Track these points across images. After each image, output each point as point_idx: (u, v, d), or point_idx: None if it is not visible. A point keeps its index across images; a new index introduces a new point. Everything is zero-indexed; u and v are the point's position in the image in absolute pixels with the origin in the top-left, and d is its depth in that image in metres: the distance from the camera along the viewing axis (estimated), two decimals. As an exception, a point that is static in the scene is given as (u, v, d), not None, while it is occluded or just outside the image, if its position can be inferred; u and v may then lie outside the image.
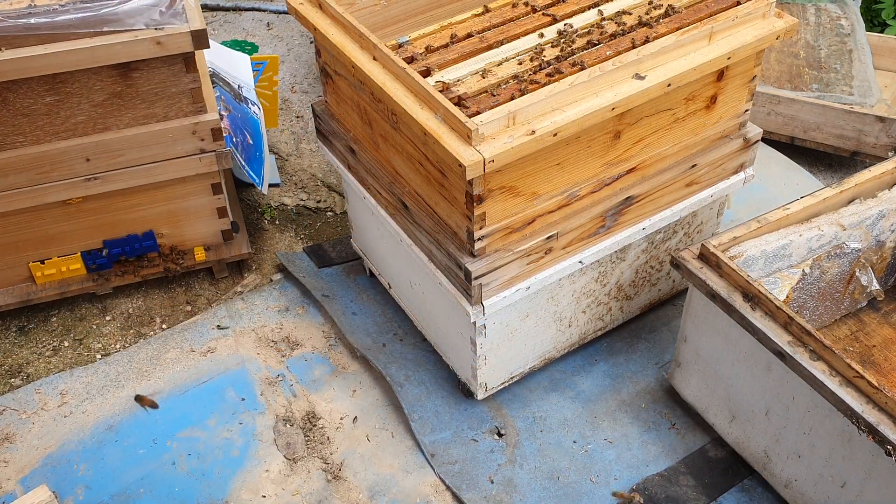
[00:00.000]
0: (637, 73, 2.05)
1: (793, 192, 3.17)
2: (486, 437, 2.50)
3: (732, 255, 2.21)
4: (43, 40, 2.37)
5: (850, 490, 2.02)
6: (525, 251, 2.18)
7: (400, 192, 2.30)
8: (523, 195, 2.09)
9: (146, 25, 2.40)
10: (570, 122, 1.94)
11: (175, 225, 2.87)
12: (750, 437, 2.29)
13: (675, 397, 2.56)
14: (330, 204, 3.38)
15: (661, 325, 2.80)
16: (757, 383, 2.18)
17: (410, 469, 2.43)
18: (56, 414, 2.59)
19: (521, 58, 2.11)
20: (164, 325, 2.88)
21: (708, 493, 2.34)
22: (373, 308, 2.88)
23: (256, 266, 3.09)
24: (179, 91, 2.55)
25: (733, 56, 2.15)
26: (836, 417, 1.95)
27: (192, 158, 2.69)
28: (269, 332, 2.82)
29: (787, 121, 3.46)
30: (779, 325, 2.03)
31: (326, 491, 2.38)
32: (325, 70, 2.42)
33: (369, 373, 2.70)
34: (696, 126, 2.34)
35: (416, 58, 2.12)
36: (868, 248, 2.45)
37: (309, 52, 4.22)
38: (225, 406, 2.59)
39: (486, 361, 2.40)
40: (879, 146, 3.35)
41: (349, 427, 2.54)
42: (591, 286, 2.49)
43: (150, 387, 2.65)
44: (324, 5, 2.24)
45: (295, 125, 3.77)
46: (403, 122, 2.05)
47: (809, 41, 3.75)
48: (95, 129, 2.56)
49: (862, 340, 2.55)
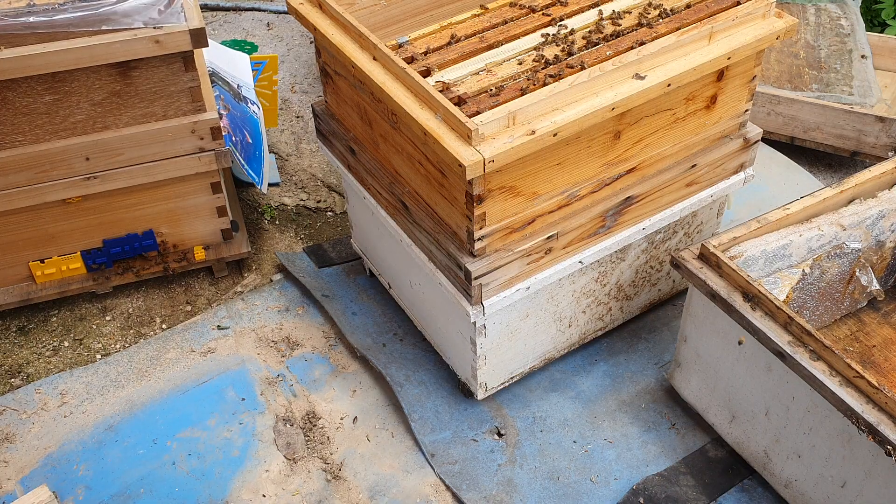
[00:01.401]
0: (637, 73, 2.05)
1: (793, 192, 3.17)
2: (486, 437, 2.50)
3: (732, 255, 2.21)
4: (42, 39, 2.37)
5: (850, 490, 2.02)
6: (525, 251, 2.17)
7: (400, 192, 2.30)
8: (523, 195, 2.09)
9: (145, 24, 2.40)
10: (570, 122, 1.94)
11: (175, 224, 2.87)
12: (750, 437, 2.29)
13: (675, 397, 2.56)
14: (330, 204, 3.38)
15: (661, 325, 2.80)
16: (757, 383, 2.17)
17: (411, 469, 2.43)
18: (56, 414, 2.59)
19: (521, 58, 2.11)
20: (164, 325, 2.88)
21: (708, 493, 2.34)
22: (373, 308, 2.88)
23: (256, 266, 3.09)
24: (178, 90, 2.55)
25: (733, 56, 2.15)
26: (836, 417, 1.95)
27: (191, 157, 2.69)
28: (269, 333, 2.82)
29: (787, 121, 3.46)
30: (779, 325, 2.03)
31: (326, 491, 2.38)
32: (325, 70, 2.42)
33: (369, 373, 2.70)
34: (697, 126, 2.34)
35: (416, 58, 2.12)
36: (868, 248, 2.45)
37: (309, 52, 4.21)
38: (225, 406, 2.59)
39: (486, 361, 2.40)
40: (879, 146, 3.35)
41: (349, 427, 2.54)
42: (591, 286, 2.49)
43: (151, 387, 2.65)
44: (324, 5, 2.24)
45: (295, 125, 3.77)
46: (403, 122, 2.05)
47: (809, 41, 3.75)
48: (95, 128, 2.56)
49: (862, 340, 2.55)
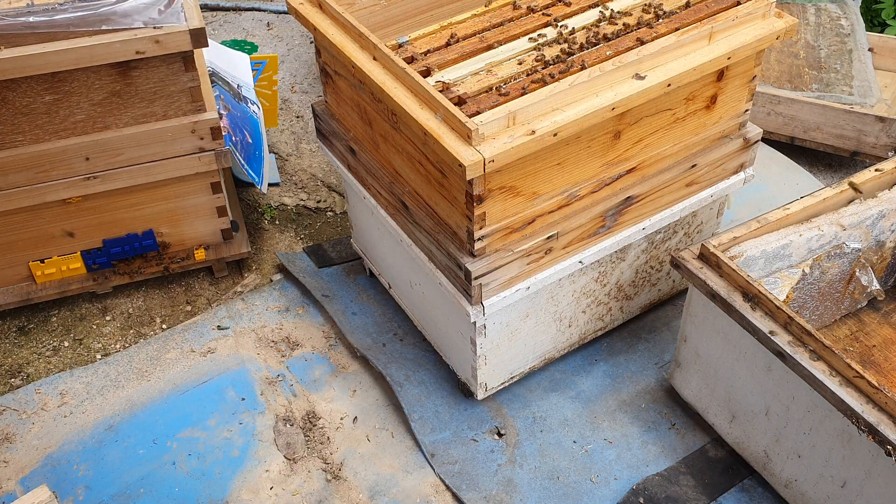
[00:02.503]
0: (637, 73, 2.04)
1: (793, 192, 3.17)
2: (487, 437, 2.50)
3: (732, 255, 2.21)
4: (42, 39, 2.37)
5: (850, 490, 2.02)
6: (525, 251, 2.17)
7: (400, 192, 2.30)
8: (523, 195, 2.09)
9: (145, 24, 2.40)
10: (570, 122, 1.94)
11: (175, 224, 2.86)
12: (750, 437, 2.29)
13: (675, 397, 2.56)
14: (330, 204, 3.38)
15: (661, 325, 2.80)
16: (757, 383, 2.17)
17: (411, 469, 2.43)
18: (56, 414, 2.59)
19: (521, 58, 2.10)
20: (164, 325, 2.88)
21: (708, 493, 2.34)
22: (373, 308, 2.88)
23: (256, 266, 3.09)
24: (178, 90, 2.55)
25: (733, 56, 2.15)
26: (836, 417, 1.95)
27: (191, 157, 2.69)
28: (269, 333, 2.82)
29: (787, 121, 3.46)
30: (779, 325, 2.03)
31: (326, 491, 2.38)
32: (325, 70, 2.42)
33: (369, 373, 2.70)
34: (697, 126, 2.34)
35: (416, 58, 2.12)
36: (868, 248, 2.45)
37: (309, 52, 4.21)
38: (225, 406, 2.58)
39: (486, 361, 2.40)
40: (879, 146, 3.35)
41: (349, 427, 2.54)
42: (591, 286, 2.49)
43: (151, 387, 2.64)
44: (324, 5, 2.24)
45: (295, 125, 3.77)
46: (403, 122, 2.05)
47: (809, 41, 3.75)
48: (95, 128, 2.56)
49: (862, 340, 2.55)
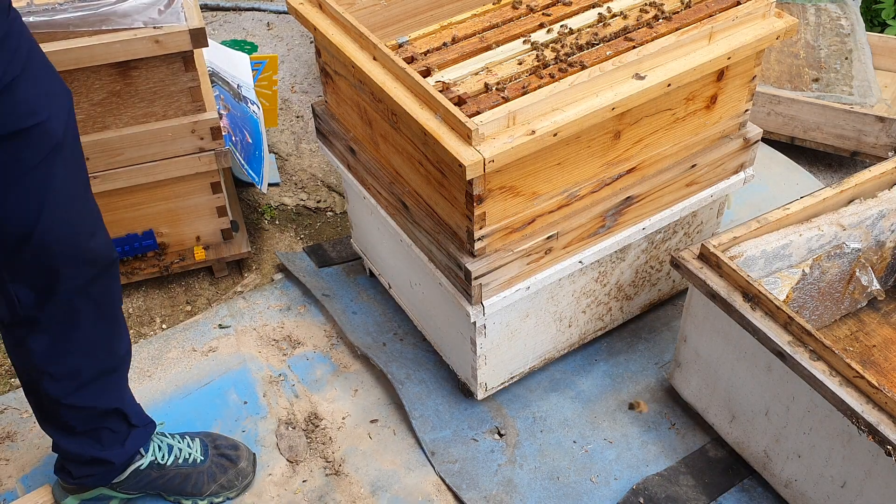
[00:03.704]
0: (637, 73, 2.05)
1: (793, 192, 3.17)
2: (486, 437, 2.50)
3: (732, 255, 2.21)
4: (41, 39, 2.35)
5: (850, 490, 2.02)
6: (525, 251, 2.17)
7: (400, 192, 2.30)
8: (523, 195, 2.09)
9: (144, 24, 2.40)
10: (570, 122, 1.94)
11: (174, 224, 2.87)
12: (750, 437, 2.29)
13: (675, 397, 2.56)
14: (330, 204, 3.38)
15: (661, 325, 2.80)
16: (757, 383, 2.18)
17: (412, 466, 2.43)
18: (56, 413, 2.59)
19: (521, 58, 2.11)
20: (164, 325, 2.88)
21: (708, 493, 2.34)
22: (373, 308, 2.88)
23: (256, 266, 3.09)
24: (178, 90, 2.55)
25: (733, 56, 2.15)
26: (836, 417, 1.95)
27: (191, 157, 2.69)
28: (270, 331, 2.82)
29: (787, 121, 3.46)
30: (779, 325, 2.03)
31: (328, 486, 2.38)
32: (325, 70, 2.42)
33: (371, 372, 2.70)
34: (696, 126, 2.34)
35: (416, 58, 2.12)
36: (868, 248, 2.45)
37: (309, 52, 4.21)
38: (228, 412, 2.57)
39: (486, 361, 2.40)
40: (879, 146, 3.35)
41: (351, 425, 2.54)
42: (591, 286, 2.49)
43: (153, 387, 2.64)
44: (324, 5, 2.24)
45: (295, 125, 3.77)
46: (403, 122, 2.05)
47: (809, 41, 3.75)
48: (94, 128, 2.56)
49: (862, 340, 2.55)
